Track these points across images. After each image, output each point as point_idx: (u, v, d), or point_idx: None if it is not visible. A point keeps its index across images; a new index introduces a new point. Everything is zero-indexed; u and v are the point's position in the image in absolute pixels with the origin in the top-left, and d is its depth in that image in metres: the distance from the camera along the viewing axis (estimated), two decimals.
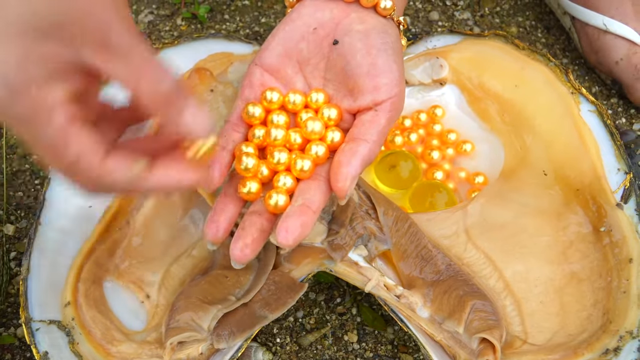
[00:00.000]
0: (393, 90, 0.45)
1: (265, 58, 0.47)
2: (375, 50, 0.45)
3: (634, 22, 0.71)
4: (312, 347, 0.60)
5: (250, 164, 0.43)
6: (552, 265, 0.57)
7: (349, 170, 0.42)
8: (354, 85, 0.45)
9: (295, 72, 0.48)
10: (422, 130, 0.68)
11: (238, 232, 0.42)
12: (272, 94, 0.46)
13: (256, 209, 0.43)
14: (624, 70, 0.72)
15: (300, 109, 0.46)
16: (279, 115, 0.46)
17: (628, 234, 0.56)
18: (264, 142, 0.45)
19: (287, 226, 0.40)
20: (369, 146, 0.43)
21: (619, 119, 0.74)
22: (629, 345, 0.51)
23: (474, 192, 0.64)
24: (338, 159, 0.43)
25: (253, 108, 0.46)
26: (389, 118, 0.45)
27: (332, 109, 0.45)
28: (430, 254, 0.56)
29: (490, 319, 0.52)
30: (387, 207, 0.57)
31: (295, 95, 0.46)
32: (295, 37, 0.47)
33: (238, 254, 0.41)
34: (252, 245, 0.41)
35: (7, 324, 0.61)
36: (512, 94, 0.65)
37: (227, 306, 0.52)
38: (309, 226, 0.41)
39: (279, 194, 0.43)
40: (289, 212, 0.41)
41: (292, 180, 0.44)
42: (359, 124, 0.45)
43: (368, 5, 0.47)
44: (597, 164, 0.60)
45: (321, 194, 0.43)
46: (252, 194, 0.44)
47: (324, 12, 0.47)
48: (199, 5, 0.80)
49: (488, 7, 0.82)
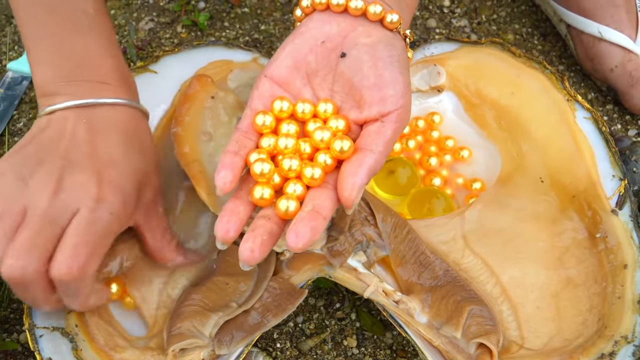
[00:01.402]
0: (399, 101, 0.45)
1: (274, 70, 0.48)
2: (382, 62, 0.46)
3: (629, 29, 0.72)
4: (312, 352, 0.61)
5: (266, 169, 0.44)
6: (548, 271, 0.58)
7: (356, 181, 0.43)
8: (360, 96, 0.46)
9: (304, 84, 0.48)
10: (420, 136, 0.69)
11: (248, 234, 0.42)
12: (281, 103, 0.47)
13: (266, 213, 0.44)
14: (619, 77, 0.72)
15: (308, 118, 0.47)
16: (289, 124, 0.47)
17: (623, 240, 0.57)
18: (274, 150, 0.46)
19: (298, 230, 0.41)
20: (375, 157, 0.44)
21: (615, 125, 0.75)
22: (624, 350, 0.52)
23: (472, 198, 0.65)
24: (345, 169, 0.44)
25: (264, 117, 0.46)
26: (395, 129, 0.45)
27: (340, 119, 0.46)
28: (428, 259, 0.57)
29: (487, 324, 0.53)
30: (385, 214, 0.58)
31: (305, 104, 0.47)
32: (304, 49, 0.48)
33: (247, 255, 0.41)
34: (261, 248, 0.42)
35: (10, 330, 0.61)
36: (509, 100, 0.66)
37: (228, 313, 0.53)
38: (318, 231, 0.41)
39: (289, 200, 0.43)
40: (300, 217, 0.42)
41: (302, 187, 0.44)
42: (365, 135, 0.45)
43: (374, 19, 0.48)
44: (592, 170, 0.60)
45: (330, 201, 0.44)
46: (264, 199, 0.44)
47: (332, 25, 0.48)
48: (199, 12, 0.81)
49: (485, 15, 0.83)
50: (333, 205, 0.44)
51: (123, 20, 0.81)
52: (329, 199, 0.43)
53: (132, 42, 0.78)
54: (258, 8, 0.83)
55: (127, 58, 0.78)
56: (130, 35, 0.79)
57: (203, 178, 0.58)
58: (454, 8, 0.83)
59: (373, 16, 0.47)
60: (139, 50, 0.79)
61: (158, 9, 0.82)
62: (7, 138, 0.73)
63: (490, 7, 0.84)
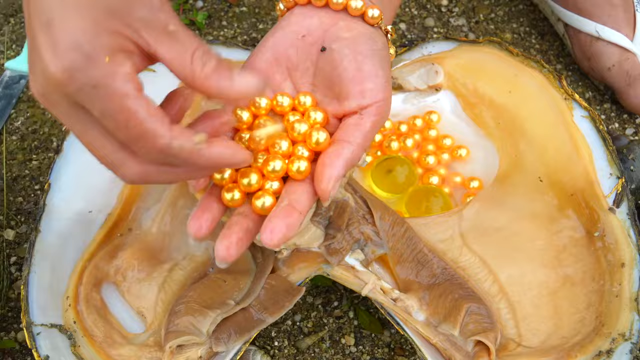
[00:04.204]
0: (378, 95, 0.45)
1: (254, 63, 0.48)
2: (362, 56, 0.46)
3: (626, 28, 0.73)
4: (310, 350, 0.61)
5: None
6: (545, 269, 0.58)
7: (332, 172, 0.43)
8: (340, 90, 0.46)
9: (284, 78, 0.48)
10: (418, 135, 0.69)
11: (223, 232, 0.42)
12: (260, 100, 0.47)
13: (242, 210, 0.44)
14: (616, 76, 0.73)
15: (287, 111, 0.47)
16: (265, 120, 0.47)
17: (620, 239, 0.57)
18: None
19: (273, 226, 0.40)
20: (353, 148, 0.44)
21: (612, 124, 0.75)
22: (621, 348, 0.52)
23: (469, 196, 0.65)
24: (322, 160, 0.43)
25: (241, 112, 0.46)
26: (374, 122, 0.45)
27: (318, 112, 0.46)
28: (426, 258, 0.57)
29: (485, 321, 0.53)
30: (383, 212, 0.58)
31: (283, 97, 0.47)
32: (285, 43, 0.48)
33: (223, 253, 0.41)
34: (238, 245, 0.41)
35: (7, 328, 0.61)
36: (506, 99, 0.66)
37: (225, 311, 0.53)
38: (294, 227, 0.41)
39: (265, 196, 0.43)
40: (275, 212, 0.41)
41: (278, 182, 0.44)
42: (344, 127, 0.45)
43: (356, 14, 0.48)
44: (589, 168, 0.60)
45: (307, 195, 0.43)
46: (235, 200, 0.44)
47: (313, 19, 0.48)
48: (197, 11, 0.81)
49: (483, 14, 0.83)
50: (310, 199, 0.43)
51: None
52: (305, 193, 0.43)
53: None
54: (256, 7, 0.83)
55: None
56: None
57: None
58: (451, 7, 0.83)
59: (354, 11, 0.48)
60: None
61: None
62: (5, 137, 0.73)
63: (488, 6, 0.84)
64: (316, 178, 0.43)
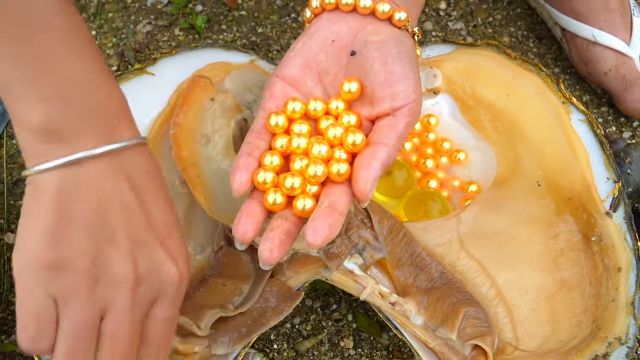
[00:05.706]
0: (410, 96, 0.46)
1: (285, 70, 0.49)
2: (392, 59, 0.47)
3: (623, 33, 0.73)
4: (309, 353, 0.61)
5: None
6: (543, 273, 0.58)
7: (370, 174, 0.43)
8: (372, 93, 0.47)
9: (315, 83, 0.49)
10: (417, 138, 0.69)
11: (266, 235, 0.43)
12: (294, 104, 0.47)
13: (283, 213, 0.45)
14: (613, 80, 0.73)
15: (320, 115, 0.48)
16: (301, 124, 0.47)
17: (617, 243, 0.57)
18: (287, 150, 0.46)
19: (315, 227, 0.41)
20: (388, 149, 0.45)
21: (609, 127, 0.76)
22: (617, 352, 0.53)
23: (467, 200, 0.65)
24: (358, 162, 0.44)
25: (276, 117, 0.47)
26: (407, 123, 0.46)
27: (351, 114, 0.47)
28: (424, 262, 0.57)
29: (482, 325, 0.53)
30: (381, 216, 0.59)
31: (317, 102, 0.47)
32: (314, 49, 0.49)
33: (266, 255, 0.42)
34: (280, 248, 0.42)
35: (8, 332, 0.62)
36: (504, 103, 0.66)
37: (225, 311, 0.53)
38: (336, 227, 0.42)
39: (306, 198, 0.44)
40: (317, 214, 0.42)
41: (317, 185, 0.45)
42: (377, 129, 0.46)
43: (383, 17, 0.48)
44: (586, 172, 0.61)
45: (346, 196, 0.44)
46: (278, 204, 0.45)
47: (341, 25, 0.49)
48: (196, 15, 0.82)
49: (481, 18, 0.84)
50: (348, 200, 0.44)
51: (121, 23, 0.81)
52: (344, 195, 0.44)
53: (129, 45, 0.79)
54: (255, 11, 0.83)
55: (125, 61, 0.79)
56: (128, 37, 0.80)
57: (200, 182, 0.58)
58: (450, 11, 0.84)
59: (381, 14, 0.48)
60: (137, 52, 0.79)
61: (156, 12, 0.82)
62: (5, 141, 0.74)
63: (486, 10, 0.84)
64: (354, 180, 0.44)
